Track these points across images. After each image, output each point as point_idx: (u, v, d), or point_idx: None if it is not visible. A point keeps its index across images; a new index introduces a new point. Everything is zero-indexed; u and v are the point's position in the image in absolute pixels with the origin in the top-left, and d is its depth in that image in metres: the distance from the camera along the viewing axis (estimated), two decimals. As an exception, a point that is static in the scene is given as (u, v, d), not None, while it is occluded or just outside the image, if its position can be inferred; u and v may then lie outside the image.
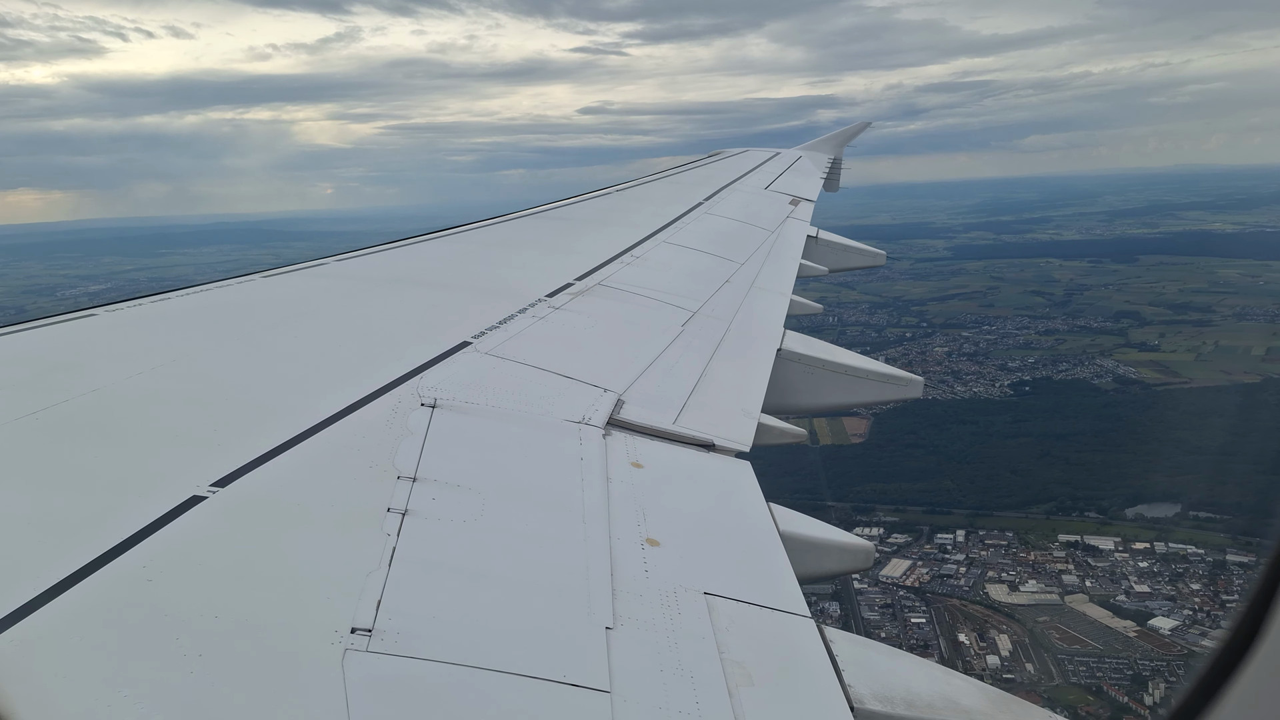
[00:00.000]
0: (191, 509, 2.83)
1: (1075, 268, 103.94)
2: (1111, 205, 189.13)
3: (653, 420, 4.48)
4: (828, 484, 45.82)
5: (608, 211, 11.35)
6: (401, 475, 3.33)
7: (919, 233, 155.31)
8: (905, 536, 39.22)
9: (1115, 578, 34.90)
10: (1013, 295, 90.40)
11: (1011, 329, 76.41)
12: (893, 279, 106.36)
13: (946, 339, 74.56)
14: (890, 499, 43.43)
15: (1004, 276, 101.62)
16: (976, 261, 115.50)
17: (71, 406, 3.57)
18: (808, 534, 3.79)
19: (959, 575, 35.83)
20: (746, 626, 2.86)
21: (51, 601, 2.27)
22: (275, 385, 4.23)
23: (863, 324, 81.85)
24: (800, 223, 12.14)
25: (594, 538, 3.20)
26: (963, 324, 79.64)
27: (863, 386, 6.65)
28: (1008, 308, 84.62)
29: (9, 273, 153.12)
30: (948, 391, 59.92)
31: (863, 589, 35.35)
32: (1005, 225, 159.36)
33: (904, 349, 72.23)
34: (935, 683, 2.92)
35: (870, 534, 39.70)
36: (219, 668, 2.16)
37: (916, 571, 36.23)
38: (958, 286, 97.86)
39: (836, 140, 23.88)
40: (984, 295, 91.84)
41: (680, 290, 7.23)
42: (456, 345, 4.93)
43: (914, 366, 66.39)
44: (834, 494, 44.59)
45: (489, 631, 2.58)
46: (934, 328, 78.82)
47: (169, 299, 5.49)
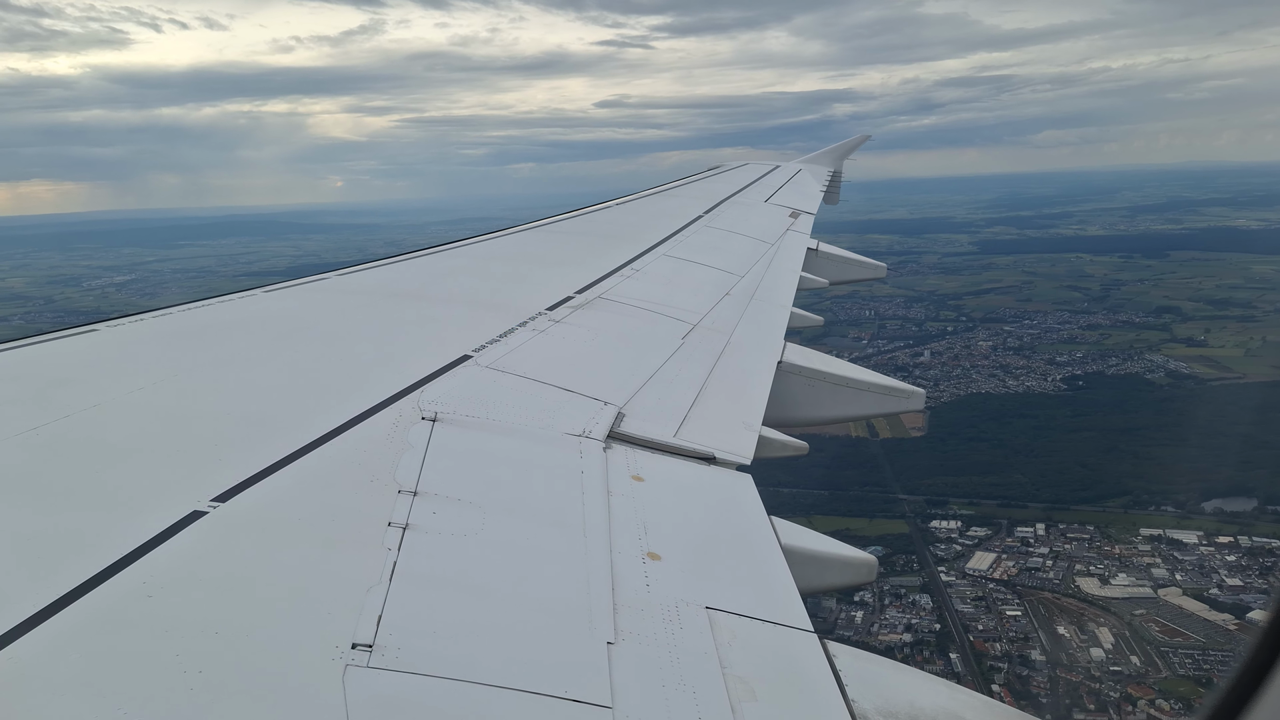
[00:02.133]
0: (192, 524, 2.81)
1: (1107, 263, 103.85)
2: (1130, 201, 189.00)
3: (653, 433, 4.46)
4: (895, 477, 45.82)
5: (607, 224, 11.41)
6: (402, 489, 3.32)
7: (940, 227, 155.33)
8: (984, 530, 39.14)
9: (1205, 571, 34.84)
10: (1048, 290, 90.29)
11: (1053, 324, 76.33)
12: (923, 273, 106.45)
13: (989, 333, 74.45)
14: (962, 492, 43.34)
15: (1036, 271, 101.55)
16: (1005, 256, 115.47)
17: (72, 422, 3.57)
18: (810, 547, 3.77)
19: (1046, 568, 35.78)
20: (749, 641, 2.84)
21: (51, 618, 2.26)
22: (276, 400, 4.23)
23: (900, 318, 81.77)
24: (800, 235, 12.09)
25: (595, 552, 3.18)
26: (1002, 318, 79.54)
27: (864, 399, 6.60)
28: (1045, 302, 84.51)
29: (31, 263, 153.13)
30: (1000, 385, 59.88)
31: (951, 581, 35.34)
32: (1027, 220, 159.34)
33: (948, 343, 72.24)
34: (940, 698, 2.87)
35: (949, 527, 39.75)
36: (219, 684, 2.14)
37: (1002, 564, 36.18)
38: (990, 281, 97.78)
39: (836, 153, 24.11)
40: (1019, 290, 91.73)
41: (680, 303, 7.22)
42: (457, 359, 4.91)
43: (960, 361, 66.40)
44: (904, 487, 44.57)
45: (490, 647, 2.56)
46: (974, 322, 78.72)
47: (170, 314, 5.51)
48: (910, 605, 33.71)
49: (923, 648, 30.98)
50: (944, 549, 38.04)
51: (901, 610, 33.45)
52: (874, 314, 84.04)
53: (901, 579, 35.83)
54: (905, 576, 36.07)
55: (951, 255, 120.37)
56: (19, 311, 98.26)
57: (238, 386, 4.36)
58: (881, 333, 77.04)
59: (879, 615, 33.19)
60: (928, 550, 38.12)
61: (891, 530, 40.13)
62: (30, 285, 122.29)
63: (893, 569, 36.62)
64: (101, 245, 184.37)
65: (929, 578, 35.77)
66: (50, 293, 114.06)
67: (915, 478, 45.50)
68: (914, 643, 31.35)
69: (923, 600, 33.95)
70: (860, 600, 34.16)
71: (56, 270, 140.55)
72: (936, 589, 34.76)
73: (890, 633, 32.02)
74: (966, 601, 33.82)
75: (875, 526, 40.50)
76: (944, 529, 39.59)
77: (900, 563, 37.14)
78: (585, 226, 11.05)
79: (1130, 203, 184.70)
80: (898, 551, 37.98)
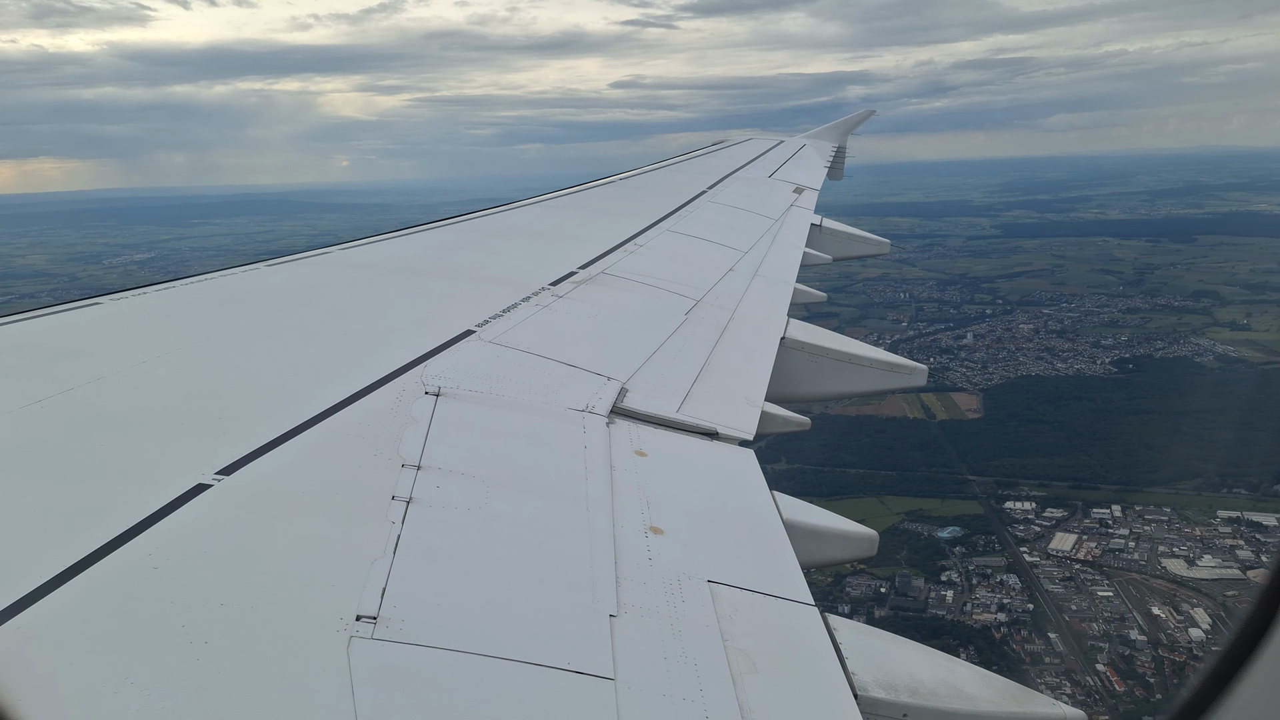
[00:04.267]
0: (197, 497, 2.83)
1: (1135, 247, 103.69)
2: (1146, 185, 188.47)
3: (656, 408, 4.48)
4: (960, 458, 45.88)
5: (611, 200, 11.32)
6: (406, 463, 3.32)
7: (958, 210, 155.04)
8: (1059, 511, 39.20)
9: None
10: (1080, 274, 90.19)
11: (1091, 307, 76.26)
12: (950, 256, 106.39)
13: (1028, 316, 74.38)
14: (1030, 474, 43.39)
15: (1065, 255, 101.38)
16: (1029, 240, 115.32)
17: (76, 395, 3.57)
18: (811, 522, 3.80)
19: (1129, 550, 35.87)
20: (750, 614, 2.87)
21: (58, 589, 2.27)
22: (280, 373, 4.23)
23: (936, 300, 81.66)
24: (804, 211, 12.07)
25: (598, 526, 3.19)
26: (1039, 301, 79.44)
27: (867, 375, 6.61)
28: (1079, 285, 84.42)
29: (48, 240, 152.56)
30: (1049, 368, 59.87)
31: (1035, 561, 35.43)
32: (1045, 204, 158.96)
33: (989, 325, 72.20)
34: (939, 670, 2.92)
35: (1024, 508, 39.81)
36: (224, 655, 2.15)
37: (1084, 545, 36.26)
38: (1020, 264, 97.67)
39: (840, 128, 23.96)
40: (1050, 273, 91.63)
41: (684, 279, 7.21)
42: (460, 334, 4.91)
43: (1004, 343, 66.37)
44: (970, 468, 44.63)
45: (493, 619, 2.58)
46: (1010, 305, 78.63)
47: (173, 287, 5.50)
48: (999, 585, 33.79)
49: (1019, 627, 31.09)
50: (1022, 530, 38.10)
51: (991, 590, 33.53)
52: (909, 296, 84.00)
53: (985, 559, 35.92)
54: (988, 557, 36.15)
55: (976, 238, 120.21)
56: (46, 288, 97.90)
57: (242, 360, 4.36)
58: (920, 315, 76.94)
59: (969, 595, 33.28)
60: (1006, 530, 38.21)
61: (965, 511, 40.17)
62: (51, 263, 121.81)
63: (974, 549, 36.73)
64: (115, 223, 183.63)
65: (1012, 558, 35.84)
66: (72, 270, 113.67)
67: (981, 459, 45.53)
68: (1009, 622, 31.44)
69: (1010, 580, 34.02)
70: (948, 580, 34.26)
71: (74, 248, 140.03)
72: (1022, 569, 34.84)
73: (984, 612, 32.13)
74: (1055, 582, 33.90)
75: (948, 507, 40.56)
76: (1019, 510, 39.64)
77: (981, 543, 37.22)
78: (588, 202, 10.98)
79: (1145, 187, 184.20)
80: (976, 532, 38.06)
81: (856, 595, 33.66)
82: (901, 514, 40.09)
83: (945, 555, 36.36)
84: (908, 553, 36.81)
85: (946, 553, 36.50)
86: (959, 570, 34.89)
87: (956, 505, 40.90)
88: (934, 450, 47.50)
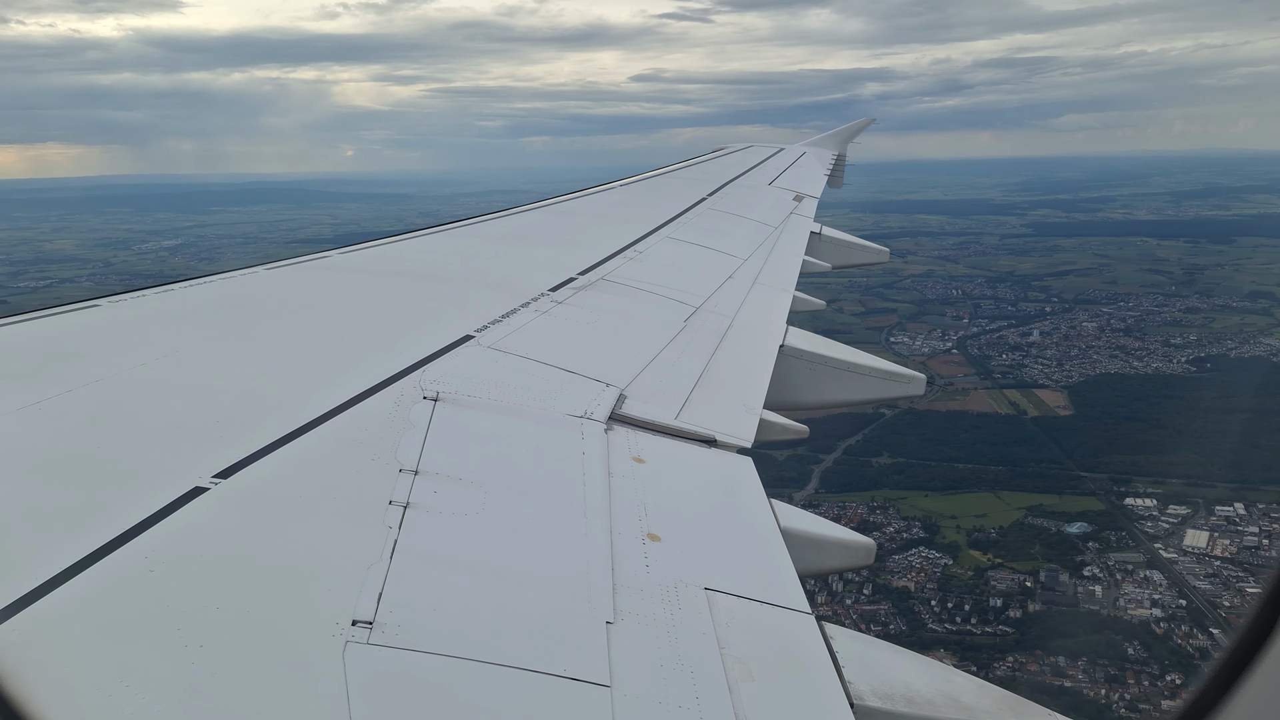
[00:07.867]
0: (193, 500, 2.82)
1: (1176, 247, 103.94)
2: (1164, 186, 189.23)
3: (655, 415, 4.50)
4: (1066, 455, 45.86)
5: (611, 206, 11.35)
6: (403, 468, 3.32)
7: (983, 209, 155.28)
8: (1181, 508, 39.18)
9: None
10: (1129, 273, 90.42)
11: (1150, 306, 76.45)
12: (990, 253, 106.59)
13: (1089, 315, 74.50)
14: (1141, 471, 43.40)
15: (1108, 254, 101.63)
16: (1064, 239, 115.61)
17: (74, 397, 3.56)
18: (809, 530, 3.81)
19: (1264, 547, 35.87)
20: (747, 622, 2.89)
21: (53, 591, 2.26)
22: (278, 377, 4.24)
23: (991, 298, 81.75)
24: (804, 219, 12.12)
25: (595, 532, 3.20)
26: (1096, 300, 79.60)
27: (866, 383, 6.63)
28: (1130, 285, 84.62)
29: (71, 226, 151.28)
30: (1125, 366, 59.94)
31: (1173, 558, 35.40)
32: (1069, 204, 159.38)
33: (1052, 323, 72.36)
34: (936, 680, 2.92)
35: (1146, 505, 39.78)
36: (220, 659, 2.16)
37: (1218, 543, 36.25)
38: (1064, 263, 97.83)
39: (840, 136, 23.94)
40: (1098, 272, 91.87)
41: (683, 286, 7.24)
42: (459, 339, 4.92)
43: (1072, 342, 66.45)
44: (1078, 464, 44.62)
45: (490, 625, 2.59)
46: (1067, 303, 78.76)
47: (173, 290, 5.52)
48: (1144, 581, 33.74)
49: (1179, 623, 31.04)
50: (1150, 526, 38.08)
51: (1137, 585, 33.49)
52: (960, 293, 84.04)
53: (1121, 555, 35.87)
54: (1123, 553, 36.10)
55: (1010, 237, 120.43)
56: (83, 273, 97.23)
57: (240, 363, 4.36)
58: (977, 314, 76.97)
59: (1117, 590, 33.24)
60: (1134, 526, 38.18)
61: (1086, 507, 40.12)
62: (80, 248, 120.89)
63: (1107, 545, 36.69)
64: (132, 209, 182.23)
65: (1149, 554, 35.81)
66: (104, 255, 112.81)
67: (1086, 456, 45.51)
68: (1165, 618, 31.40)
69: (1154, 576, 33.98)
70: (1091, 575, 34.22)
71: (98, 233, 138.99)
72: (1163, 565, 34.81)
73: (1138, 608, 32.08)
74: (1200, 579, 33.86)
75: (1067, 503, 40.49)
76: (1141, 506, 39.61)
77: (1113, 539, 37.19)
78: (589, 207, 11.03)
79: (1164, 188, 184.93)
80: (1103, 528, 38.03)
81: (1003, 589, 33.60)
82: (1022, 509, 40.01)
83: (1079, 550, 36.31)
84: (1040, 548, 36.77)
85: (1080, 548, 36.44)
86: (1099, 566, 34.83)
87: (1075, 501, 40.82)
88: (1035, 446, 47.45)
